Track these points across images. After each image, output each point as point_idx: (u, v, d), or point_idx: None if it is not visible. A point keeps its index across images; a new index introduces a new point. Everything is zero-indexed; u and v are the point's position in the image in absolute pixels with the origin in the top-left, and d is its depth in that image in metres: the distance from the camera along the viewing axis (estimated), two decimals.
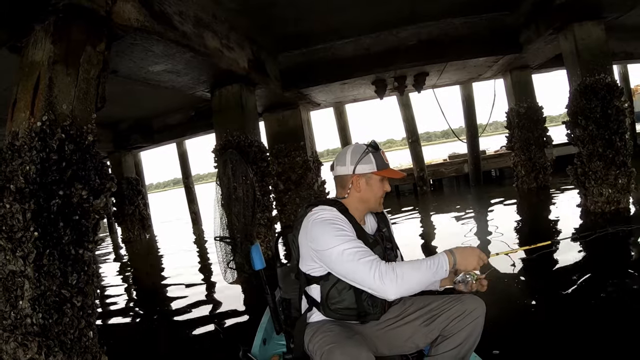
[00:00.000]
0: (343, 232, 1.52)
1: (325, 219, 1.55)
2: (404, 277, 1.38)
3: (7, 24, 2.76)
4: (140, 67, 4.25)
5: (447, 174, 11.67)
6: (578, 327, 2.56)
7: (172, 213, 19.45)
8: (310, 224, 1.57)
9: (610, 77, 5.29)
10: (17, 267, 2.51)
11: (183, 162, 12.11)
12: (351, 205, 1.67)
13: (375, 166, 1.65)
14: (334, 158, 1.78)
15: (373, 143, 1.69)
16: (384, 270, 1.39)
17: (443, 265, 1.43)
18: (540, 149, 8.12)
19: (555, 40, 5.94)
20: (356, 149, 1.69)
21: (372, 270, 1.40)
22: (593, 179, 5.36)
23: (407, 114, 10.85)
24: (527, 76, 8.26)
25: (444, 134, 78.01)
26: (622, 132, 5.16)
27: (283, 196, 8.43)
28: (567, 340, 2.40)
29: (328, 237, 1.50)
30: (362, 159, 1.65)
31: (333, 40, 6.84)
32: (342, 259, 1.46)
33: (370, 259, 1.44)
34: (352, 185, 1.66)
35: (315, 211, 1.61)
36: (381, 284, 1.38)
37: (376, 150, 1.68)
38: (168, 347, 3.40)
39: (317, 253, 1.55)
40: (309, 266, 1.63)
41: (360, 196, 1.67)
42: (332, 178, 1.77)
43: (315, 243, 1.54)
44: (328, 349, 1.41)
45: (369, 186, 1.67)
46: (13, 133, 2.67)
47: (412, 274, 1.40)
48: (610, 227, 1.83)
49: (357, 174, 1.66)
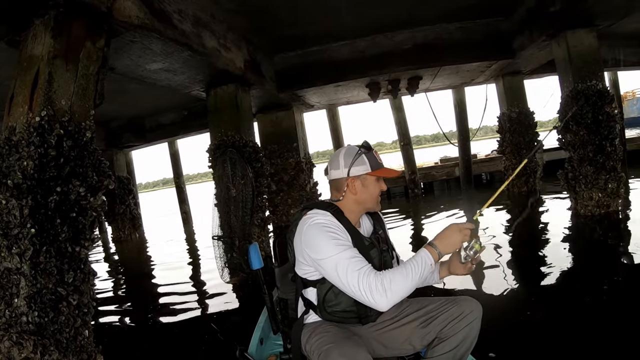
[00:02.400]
0: (337, 240, 1.51)
1: (319, 223, 1.55)
2: (392, 287, 1.38)
3: (7, 18, 2.72)
4: (138, 64, 4.22)
5: (438, 177, 11.76)
6: (574, 329, 2.59)
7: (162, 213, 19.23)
8: (305, 229, 1.57)
9: (602, 83, 5.41)
10: (13, 264, 2.46)
11: (175, 161, 12.01)
12: (347, 207, 1.66)
13: (369, 167, 1.64)
14: (327, 162, 1.76)
15: (365, 144, 1.67)
16: (373, 285, 1.39)
17: (427, 261, 1.44)
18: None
19: (548, 47, 6.05)
20: (349, 151, 1.67)
21: (361, 285, 1.40)
22: (583, 183, 5.47)
23: (400, 117, 10.91)
24: (519, 81, 8.41)
25: (434, 137, 78.63)
26: (613, 137, 5.27)
27: (275, 197, 8.43)
28: (563, 343, 2.43)
29: (322, 245, 1.50)
30: (355, 161, 1.63)
31: (329, 42, 6.87)
32: (333, 270, 1.46)
33: (360, 272, 1.42)
34: (348, 188, 1.65)
35: (310, 216, 1.60)
36: (371, 298, 1.39)
37: (369, 151, 1.66)
38: (164, 346, 3.37)
39: (311, 259, 1.55)
40: (304, 270, 1.63)
41: (357, 198, 1.66)
42: (327, 182, 1.74)
43: (310, 249, 1.54)
44: (326, 349, 1.41)
45: (365, 187, 1.65)
46: (10, 128, 2.62)
47: (400, 281, 1.40)
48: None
49: (352, 176, 1.64)
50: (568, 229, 5.35)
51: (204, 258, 6.99)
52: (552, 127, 2.42)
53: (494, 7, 6.23)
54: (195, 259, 7.35)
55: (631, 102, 23.35)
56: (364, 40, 6.91)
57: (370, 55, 7.02)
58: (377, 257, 1.63)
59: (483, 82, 9.13)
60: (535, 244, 4.86)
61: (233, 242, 3.25)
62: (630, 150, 9.94)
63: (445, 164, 11.96)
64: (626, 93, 22.46)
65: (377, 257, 1.63)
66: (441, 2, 5.76)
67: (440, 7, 5.92)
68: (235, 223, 3.29)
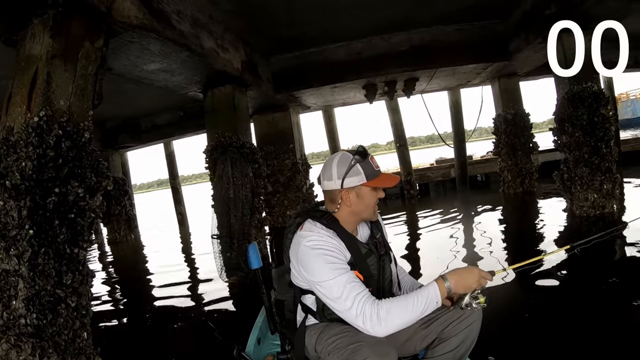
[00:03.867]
0: (333, 263, 1.46)
1: (315, 246, 1.49)
2: (387, 317, 1.36)
3: (5, 17, 2.69)
4: (135, 65, 4.19)
5: (434, 178, 11.79)
6: (572, 332, 2.59)
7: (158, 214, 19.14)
8: (300, 250, 1.52)
9: (597, 85, 5.46)
10: (11, 266, 2.44)
11: (170, 162, 11.95)
12: (342, 218, 1.60)
13: (364, 177, 1.54)
14: (320, 169, 1.66)
15: (360, 149, 1.56)
16: (367, 314, 1.37)
17: (433, 299, 1.39)
18: (527, 154, 8.32)
19: (544, 49, 6.06)
20: (342, 160, 1.57)
21: (356, 311, 1.38)
22: (579, 184, 5.51)
23: (396, 118, 10.94)
24: (515, 83, 8.46)
25: (428, 138, 78.98)
26: (608, 139, 5.32)
27: (271, 198, 8.42)
28: (562, 346, 2.43)
29: (317, 269, 1.46)
30: (349, 171, 1.53)
31: (325, 43, 6.88)
32: (330, 295, 1.44)
33: (356, 299, 1.40)
34: (342, 200, 1.57)
35: (306, 232, 1.54)
36: (365, 326, 1.37)
37: (364, 159, 1.55)
38: (162, 346, 3.36)
39: (308, 280, 1.53)
40: (299, 284, 1.61)
41: (352, 210, 1.58)
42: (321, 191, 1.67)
43: (306, 271, 1.51)
44: (354, 347, 1.38)
45: (360, 198, 1.57)
46: (8, 128, 2.59)
47: (397, 313, 1.37)
48: (601, 232, 1.85)
49: (346, 187, 1.55)
50: (564, 229, 5.38)
51: (201, 258, 6.96)
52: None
53: (490, 10, 6.28)
54: (193, 259, 7.31)
55: (625, 104, 23.65)
56: (360, 41, 6.93)
57: (367, 57, 7.04)
58: (375, 263, 1.61)
59: (479, 84, 9.18)
60: (532, 245, 4.88)
61: (232, 242, 3.24)
62: (625, 152, 10.05)
63: (441, 165, 12.00)
64: (620, 95, 22.75)
65: (375, 264, 1.61)
66: (437, 4, 5.79)
67: (436, 9, 5.95)
68: (234, 222, 3.27)
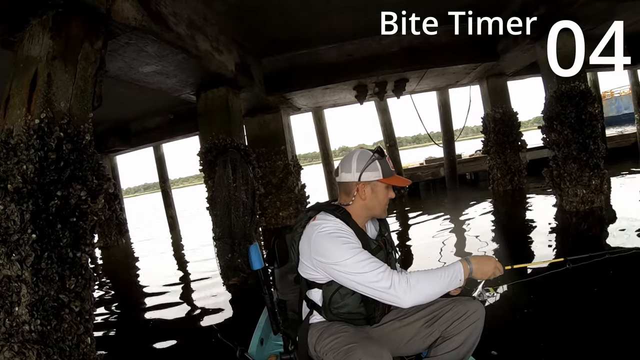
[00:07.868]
0: (350, 243, 1.51)
1: (330, 232, 1.54)
2: (417, 287, 1.41)
3: (2, 18, 2.65)
4: (131, 67, 4.15)
5: (424, 177, 11.90)
6: (575, 329, 2.62)
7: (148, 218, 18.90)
8: (315, 237, 1.56)
9: (585, 84, 5.61)
10: (13, 272, 2.39)
11: (160, 166, 11.81)
12: (354, 212, 1.65)
13: (381, 173, 1.63)
14: (339, 163, 1.73)
15: (379, 149, 1.66)
16: (396, 281, 1.41)
17: (458, 275, 1.46)
18: (515, 152, 8.47)
19: (531, 49, 6.22)
20: (362, 156, 1.65)
21: (385, 281, 1.42)
22: (568, 180, 5.64)
23: (385, 118, 11.05)
24: (503, 83, 8.62)
25: (415, 138, 79.49)
26: (596, 136, 5.47)
27: (264, 200, 8.38)
28: (565, 342, 2.47)
29: (336, 250, 1.50)
30: (368, 166, 1.62)
31: (317, 45, 6.89)
32: (353, 271, 1.46)
33: (381, 270, 1.45)
34: (357, 193, 1.64)
35: (319, 222, 1.59)
36: (395, 295, 1.41)
37: (382, 157, 1.64)
38: (165, 347, 3.34)
39: (324, 265, 1.54)
40: (310, 275, 1.63)
41: (365, 204, 1.65)
42: (337, 184, 1.73)
43: (323, 256, 1.53)
44: (347, 349, 1.41)
45: (375, 194, 1.65)
46: (7, 131, 2.55)
47: (425, 284, 1.42)
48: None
49: (363, 181, 1.63)
50: (555, 224, 5.51)
51: (200, 260, 6.91)
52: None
53: (479, 11, 6.38)
54: (192, 261, 7.25)
55: (610, 102, 24.29)
56: (351, 43, 6.96)
57: (358, 58, 7.09)
58: (384, 259, 1.63)
59: (467, 84, 9.32)
60: (524, 240, 4.99)
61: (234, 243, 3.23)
62: (610, 148, 10.30)
63: (431, 164, 12.14)
64: (605, 93, 23.32)
65: (384, 260, 1.62)
66: (427, 6, 5.86)
67: (427, 10, 6.02)
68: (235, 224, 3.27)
